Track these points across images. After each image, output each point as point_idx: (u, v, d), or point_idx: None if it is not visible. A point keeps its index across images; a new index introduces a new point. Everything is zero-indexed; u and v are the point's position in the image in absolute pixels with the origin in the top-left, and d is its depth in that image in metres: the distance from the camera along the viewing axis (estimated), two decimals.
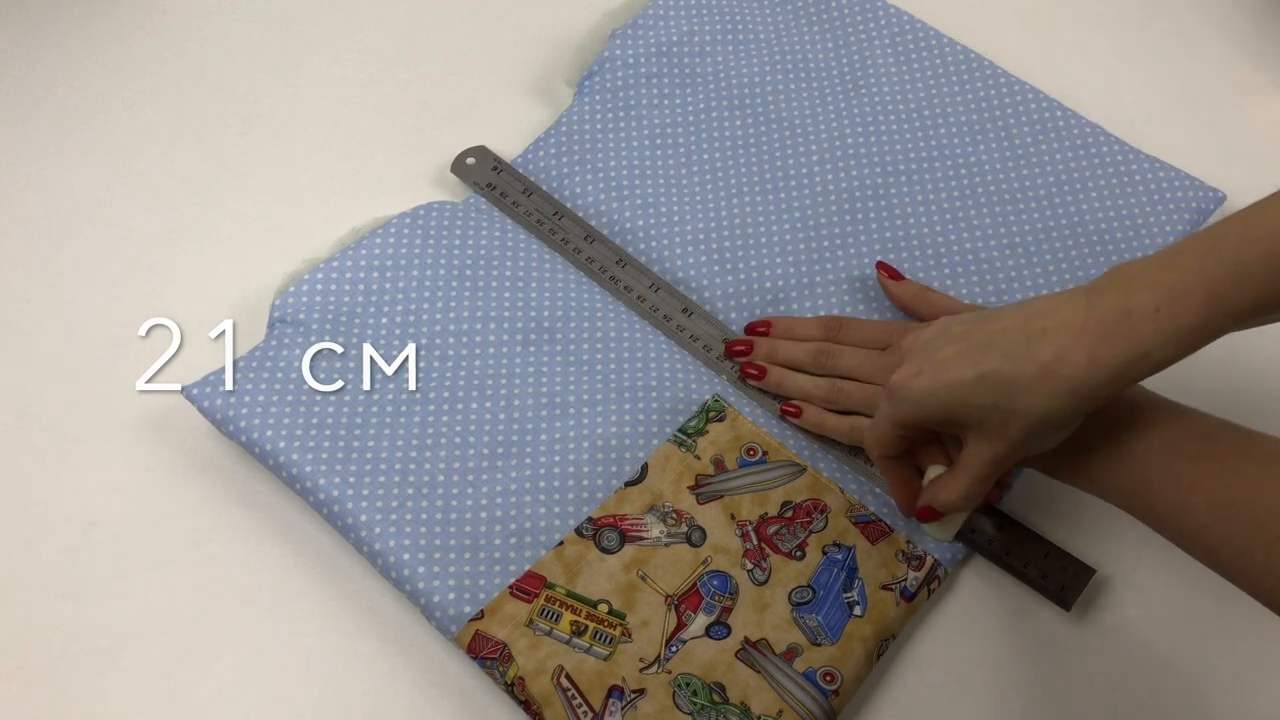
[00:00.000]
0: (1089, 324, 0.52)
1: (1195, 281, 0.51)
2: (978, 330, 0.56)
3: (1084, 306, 0.53)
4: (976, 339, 0.56)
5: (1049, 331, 0.53)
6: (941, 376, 0.55)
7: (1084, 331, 0.52)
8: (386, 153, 0.77)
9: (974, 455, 0.56)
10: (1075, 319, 0.53)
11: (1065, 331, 0.53)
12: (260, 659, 0.60)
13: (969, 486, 0.57)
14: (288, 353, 0.66)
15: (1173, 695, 0.60)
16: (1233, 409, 0.58)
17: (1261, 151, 0.78)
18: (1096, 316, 0.52)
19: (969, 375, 0.55)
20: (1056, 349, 0.52)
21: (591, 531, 0.61)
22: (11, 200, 0.75)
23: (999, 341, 0.55)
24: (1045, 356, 0.53)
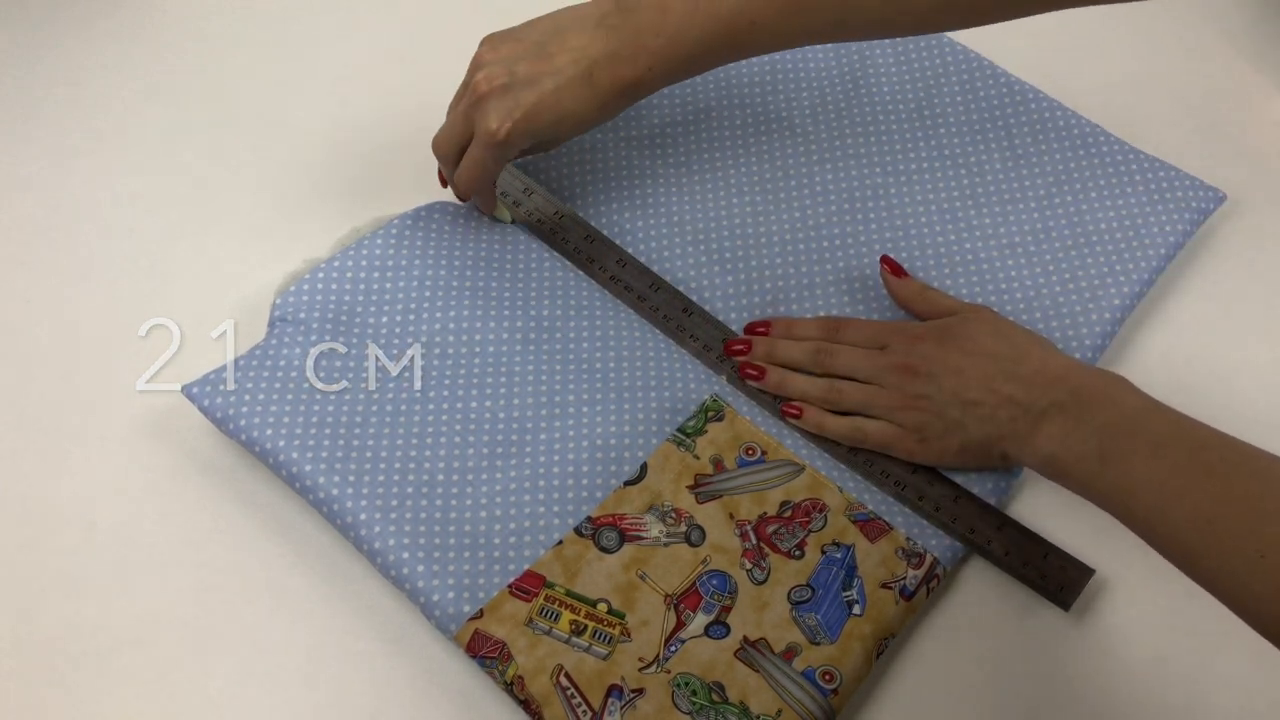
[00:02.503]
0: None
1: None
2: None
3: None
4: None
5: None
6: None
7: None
8: (387, 152, 0.78)
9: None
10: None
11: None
12: (260, 659, 0.60)
13: None
14: (288, 352, 0.66)
15: (1171, 695, 0.60)
16: (1229, 415, 0.58)
17: (1261, 151, 0.78)
18: None
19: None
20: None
21: (591, 531, 0.61)
22: (11, 200, 0.75)
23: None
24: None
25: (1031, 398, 0.59)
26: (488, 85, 0.63)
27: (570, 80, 0.63)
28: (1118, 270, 0.71)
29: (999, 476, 0.64)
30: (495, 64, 0.64)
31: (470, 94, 0.64)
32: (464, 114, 0.65)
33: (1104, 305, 0.69)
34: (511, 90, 0.63)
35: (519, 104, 0.63)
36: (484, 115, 0.63)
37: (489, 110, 0.63)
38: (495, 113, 0.63)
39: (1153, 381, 0.60)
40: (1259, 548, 0.48)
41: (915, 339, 0.64)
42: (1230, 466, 0.51)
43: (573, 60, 0.63)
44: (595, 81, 0.63)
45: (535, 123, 0.64)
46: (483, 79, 0.63)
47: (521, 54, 0.64)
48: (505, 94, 0.63)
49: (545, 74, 0.63)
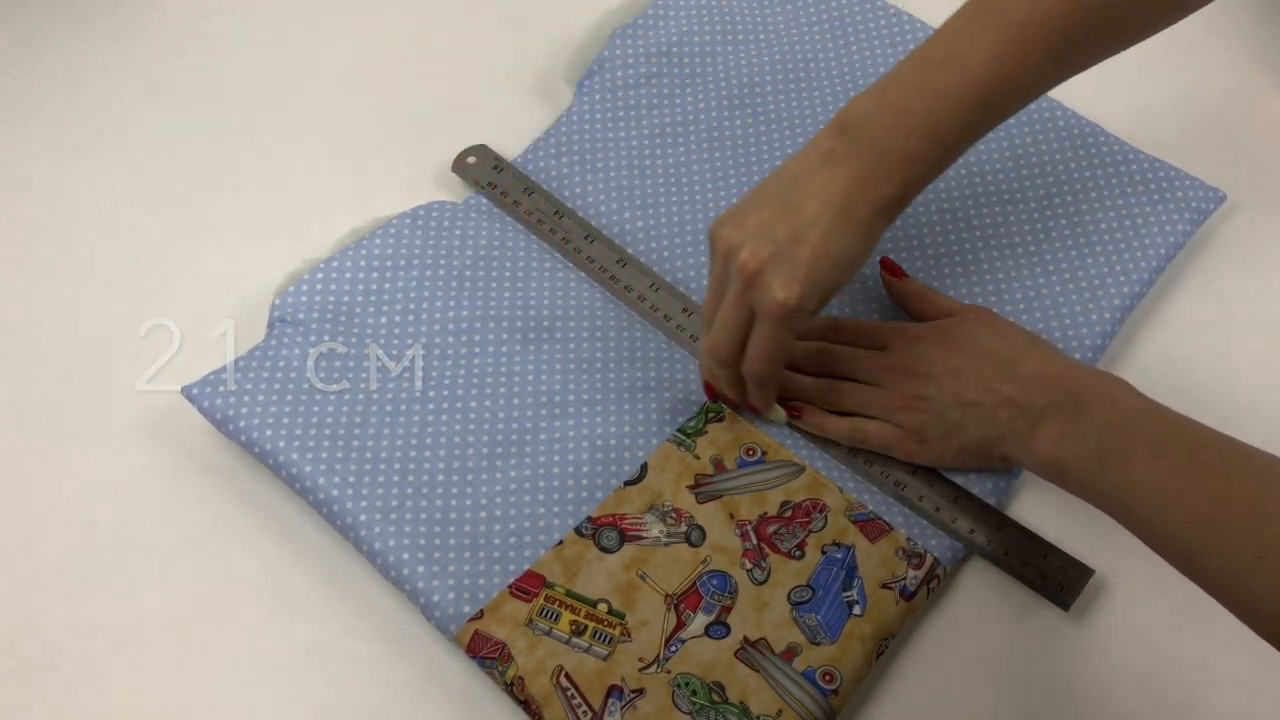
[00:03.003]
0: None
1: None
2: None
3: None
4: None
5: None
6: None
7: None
8: (387, 152, 0.78)
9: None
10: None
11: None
12: (260, 659, 0.60)
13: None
14: (287, 352, 0.66)
15: (1171, 695, 0.60)
16: (1229, 415, 0.58)
17: (1261, 151, 0.78)
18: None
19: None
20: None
21: (591, 531, 0.61)
22: (11, 200, 0.75)
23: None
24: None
25: (1030, 398, 0.59)
26: (756, 260, 0.57)
27: (831, 222, 0.58)
28: (1118, 270, 0.71)
29: (999, 477, 0.64)
30: (752, 238, 0.58)
31: (738, 278, 0.58)
32: (737, 301, 0.59)
33: (1104, 305, 0.69)
34: (782, 255, 0.57)
35: (797, 264, 0.57)
36: (765, 290, 0.57)
37: (770, 283, 0.57)
38: (778, 282, 0.57)
39: (1153, 381, 0.60)
40: (1258, 548, 0.48)
41: (914, 339, 0.64)
42: (1229, 467, 0.51)
43: (824, 202, 0.58)
44: (856, 214, 0.58)
45: (819, 277, 0.58)
46: (748, 257, 0.58)
47: (770, 219, 0.58)
48: (778, 261, 0.57)
49: (805, 226, 0.58)
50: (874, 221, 0.59)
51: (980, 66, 0.57)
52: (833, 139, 0.59)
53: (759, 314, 0.59)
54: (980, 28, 0.58)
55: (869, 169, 0.58)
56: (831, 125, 0.60)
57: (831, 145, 0.59)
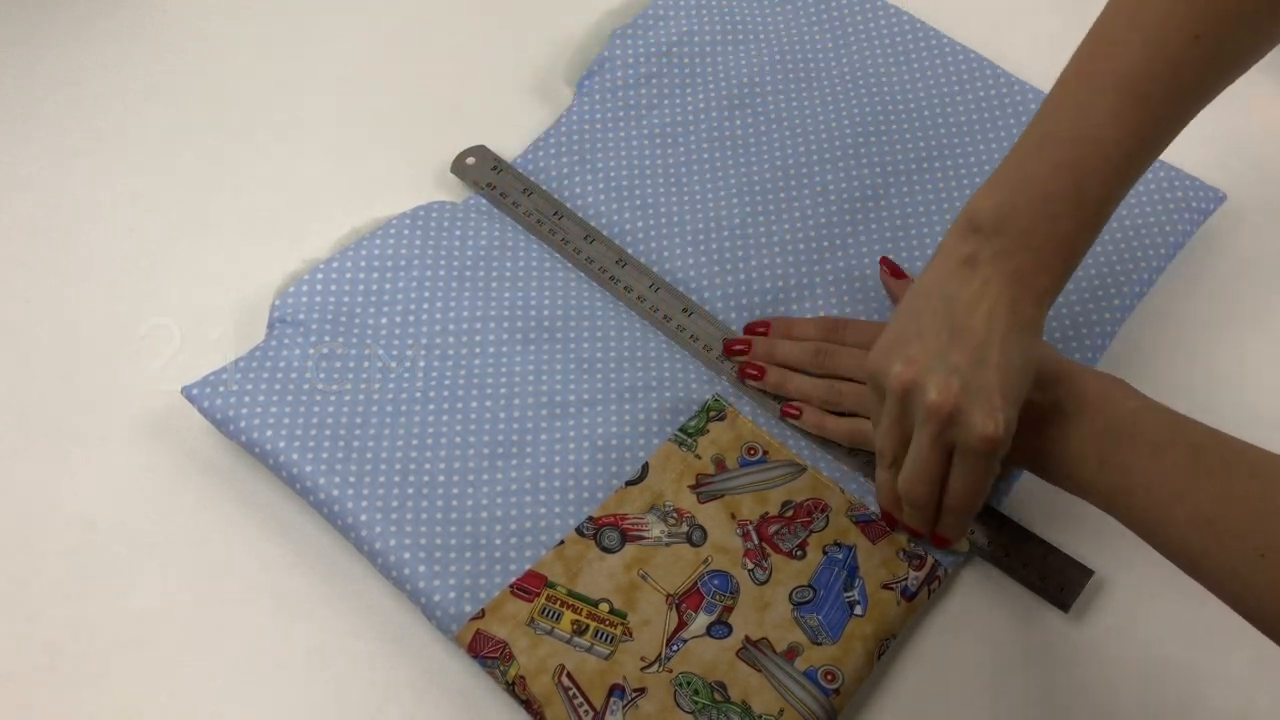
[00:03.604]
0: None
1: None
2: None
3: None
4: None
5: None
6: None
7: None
8: (386, 153, 0.77)
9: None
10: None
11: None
12: (260, 659, 0.60)
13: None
14: (287, 353, 0.66)
15: (1171, 696, 0.60)
16: (1229, 415, 0.58)
17: (1261, 151, 0.78)
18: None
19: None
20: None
21: (592, 531, 0.61)
22: (11, 200, 0.75)
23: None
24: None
25: (1030, 398, 0.59)
26: (950, 398, 0.54)
27: (1005, 334, 0.55)
28: (1118, 270, 0.71)
29: (999, 477, 0.64)
30: (932, 373, 0.55)
31: (932, 420, 0.55)
32: (934, 443, 0.56)
33: (1104, 305, 0.70)
34: (972, 386, 0.54)
35: (991, 393, 0.54)
36: (968, 427, 0.54)
37: (972, 419, 0.54)
38: (982, 415, 0.54)
39: (1153, 382, 0.60)
40: (1260, 547, 0.48)
41: None
42: (1230, 466, 0.51)
43: (990, 313, 0.55)
44: (1023, 316, 0.55)
45: (1013, 396, 0.55)
46: (939, 397, 0.54)
47: (940, 347, 0.55)
48: (971, 394, 0.54)
49: (981, 346, 0.55)
50: (1040, 315, 0.56)
51: (1111, 131, 0.54)
52: (971, 242, 0.56)
53: (964, 451, 0.56)
54: (1092, 91, 0.55)
55: (1024, 264, 0.55)
56: (961, 226, 0.57)
57: (973, 250, 0.56)
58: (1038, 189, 0.55)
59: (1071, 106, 0.56)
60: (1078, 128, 0.55)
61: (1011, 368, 0.55)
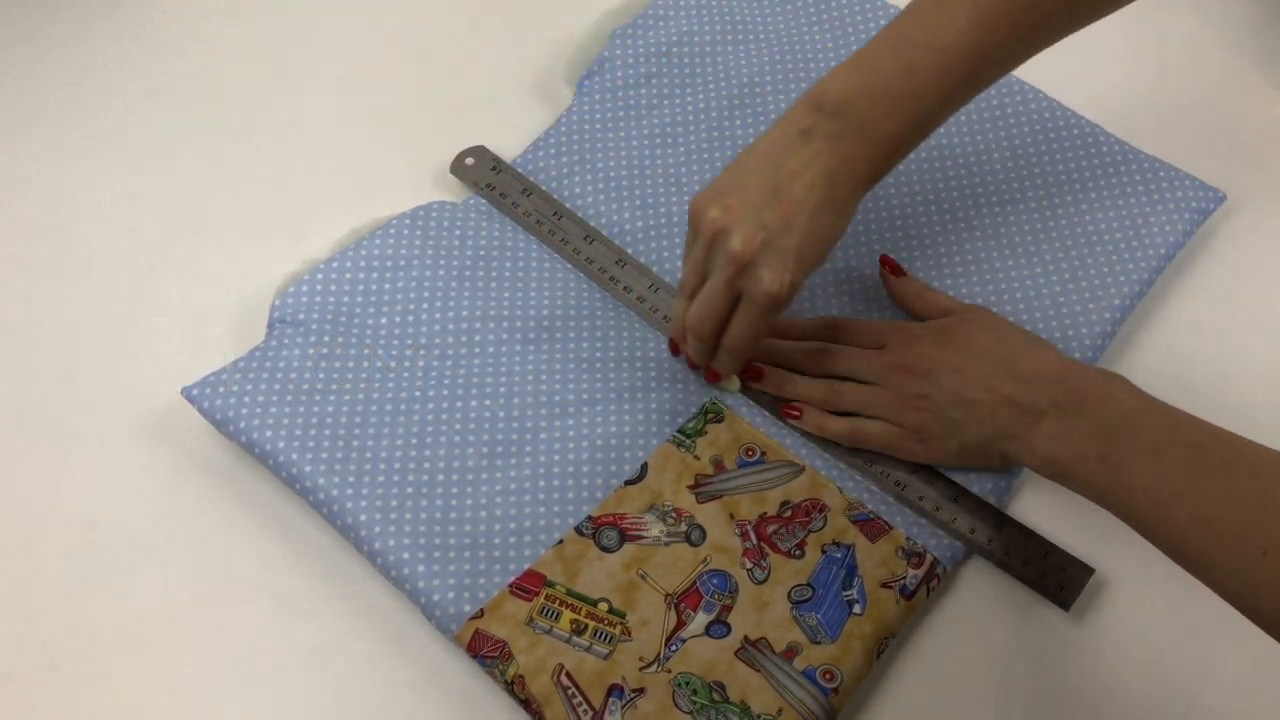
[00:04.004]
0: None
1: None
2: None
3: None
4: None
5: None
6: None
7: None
8: (386, 153, 0.78)
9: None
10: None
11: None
12: (260, 659, 0.60)
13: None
14: (287, 353, 0.66)
15: (1171, 695, 0.60)
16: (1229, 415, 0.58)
17: (1261, 151, 0.78)
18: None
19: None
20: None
21: (591, 530, 0.61)
22: (11, 200, 0.75)
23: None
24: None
25: (1030, 397, 0.59)
26: (749, 249, 0.58)
27: (817, 207, 0.59)
28: (1118, 270, 0.71)
29: (999, 476, 0.64)
30: (741, 223, 0.59)
31: (729, 263, 0.59)
32: (727, 285, 0.60)
33: (1104, 305, 0.70)
34: (773, 245, 0.58)
35: (786, 253, 0.58)
36: (757, 279, 0.59)
37: (761, 273, 0.59)
38: (770, 271, 0.58)
39: (1153, 381, 0.60)
40: (1262, 545, 0.48)
41: (913, 339, 0.64)
42: (1230, 465, 0.51)
43: (810, 185, 0.59)
44: (838, 196, 0.60)
45: (806, 264, 0.59)
46: (740, 245, 0.58)
47: (758, 203, 0.59)
48: (768, 250, 0.58)
49: (793, 212, 0.59)
50: (854, 199, 0.61)
51: (959, 48, 0.59)
52: (811, 116, 0.60)
53: (748, 300, 0.60)
54: (952, 7, 0.59)
55: (852, 150, 0.59)
56: (807, 101, 0.60)
57: (811, 123, 0.60)
58: (880, 85, 0.59)
59: (931, 15, 0.59)
60: (929, 37, 0.59)
61: (816, 240, 0.59)
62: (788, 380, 0.66)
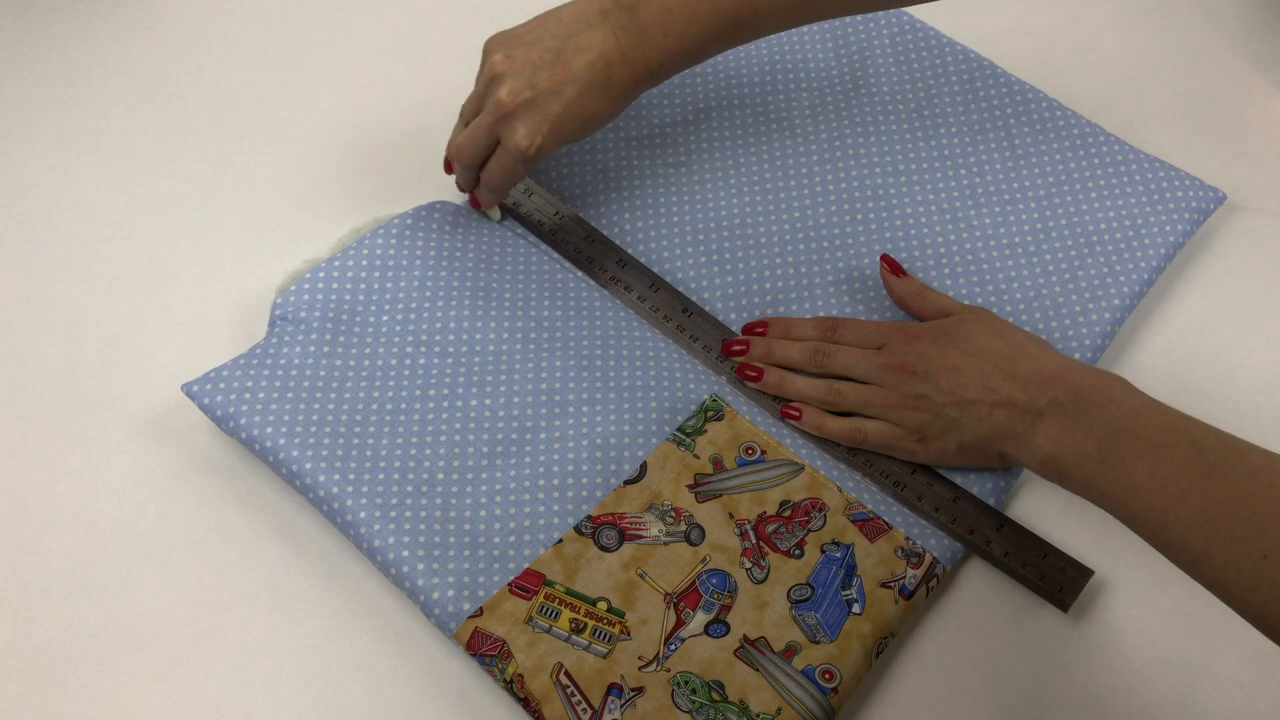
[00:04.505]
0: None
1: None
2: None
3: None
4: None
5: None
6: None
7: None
8: (387, 153, 0.78)
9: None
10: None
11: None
12: (260, 659, 0.60)
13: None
14: (288, 350, 0.66)
15: (1170, 696, 0.60)
16: (1229, 415, 0.58)
17: (1261, 151, 0.79)
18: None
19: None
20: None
21: (590, 529, 0.61)
22: (11, 200, 0.75)
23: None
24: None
25: (1029, 397, 0.59)
26: (513, 100, 0.64)
27: (590, 84, 0.64)
28: (1118, 270, 0.71)
29: (998, 476, 0.64)
30: (515, 76, 0.64)
31: (494, 109, 0.65)
32: (488, 128, 0.65)
33: (1104, 305, 0.70)
34: (536, 104, 0.64)
35: (546, 117, 0.64)
36: (511, 131, 0.64)
37: (517, 126, 0.64)
38: (524, 127, 0.64)
39: (1153, 381, 0.60)
40: (1263, 549, 0.48)
41: (912, 338, 0.64)
42: (1231, 466, 0.51)
43: (588, 63, 0.64)
44: (613, 82, 0.65)
45: (563, 133, 0.65)
46: (506, 95, 0.64)
47: (538, 63, 0.64)
48: (531, 108, 0.64)
49: (565, 82, 0.64)
50: (627, 91, 0.66)
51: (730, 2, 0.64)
52: (612, 1, 0.65)
53: (502, 146, 0.66)
54: None
55: (633, 47, 0.64)
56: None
57: (610, 7, 0.64)
58: (666, 2, 0.64)
59: None
60: None
61: (578, 115, 0.64)
62: (787, 380, 0.66)
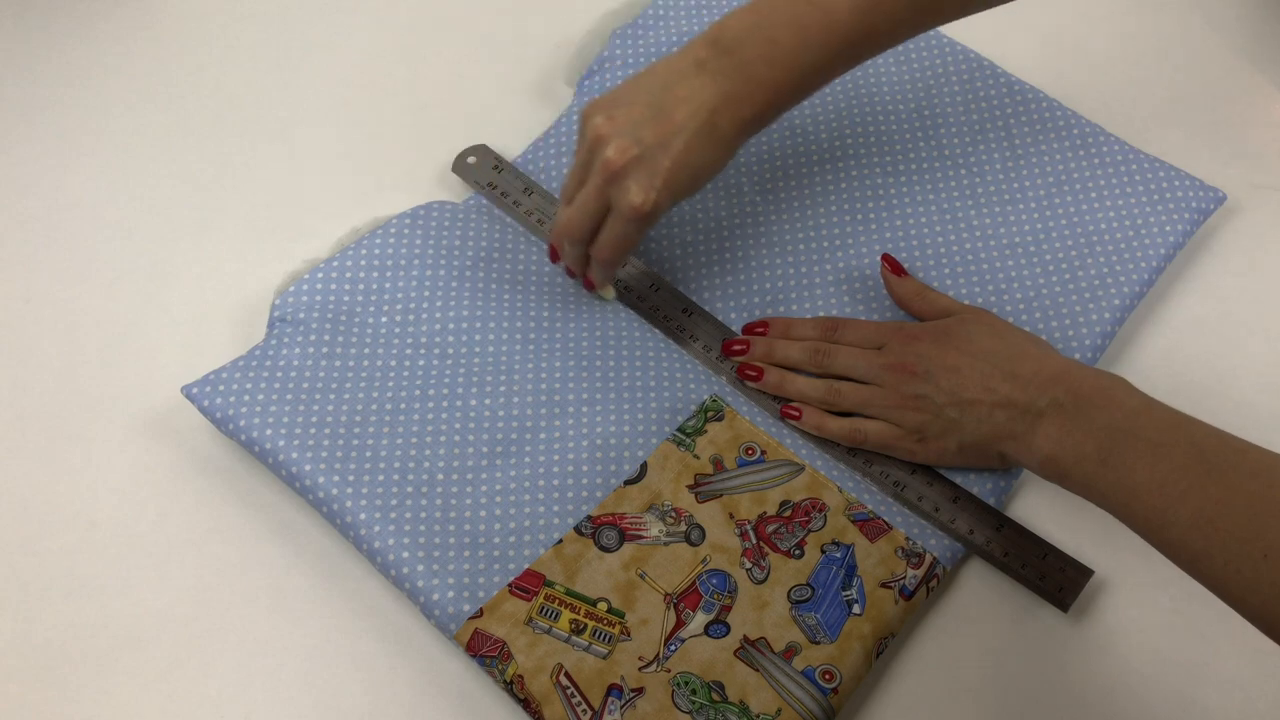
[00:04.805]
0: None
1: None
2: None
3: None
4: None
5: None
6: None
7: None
8: (387, 152, 0.78)
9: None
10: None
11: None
12: (260, 659, 0.60)
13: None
14: (287, 351, 0.66)
15: (1170, 696, 0.60)
16: (1229, 415, 0.58)
17: (1261, 151, 0.78)
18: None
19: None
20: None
21: (591, 530, 0.61)
22: (11, 200, 0.75)
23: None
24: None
25: (1029, 398, 0.59)
26: (621, 158, 0.61)
27: (695, 133, 0.61)
28: (1118, 270, 0.71)
29: (998, 477, 0.64)
30: (619, 134, 0.61)
31: (602, 171, 0.61)
32: (598, 192, 0.62)
33: (1104, 305, 0.69)
34: (645, 159, 0.61)
35: (657, 171, 0.61)
36: (624, 191, 0.61)
37: (628, 185, 0.61)
38: (637, 185, 0.61)
39: (1153, 381, 0.60)
40: (1263, 548, 0.48)
41: (912, 338, 0.64)
42: (1231, 466, 0.51)
43: (691, 113, 0.61)
44: (718, 128, 0.61)
45: (676, 186, 0.62)
46: (614, 154, 0.61)
47: (640, 119, 0.61)
48: (640, 165, 0.61)
49: (671, 134, 0.61)
50: (734, 138, 0.62)
51: (846, 18, 0.61)
52: (707, 49, 0.62)
53: (615, 210, 0.62)
54: None
55: (736, 89, 0.61)
56: (707, 35, 0.62)
57: (705, 56, 0.62)
58: (770, 34, 0.61)
59: None
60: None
61: (687, 165, 0.61)
62: (787, 380, 0.66)
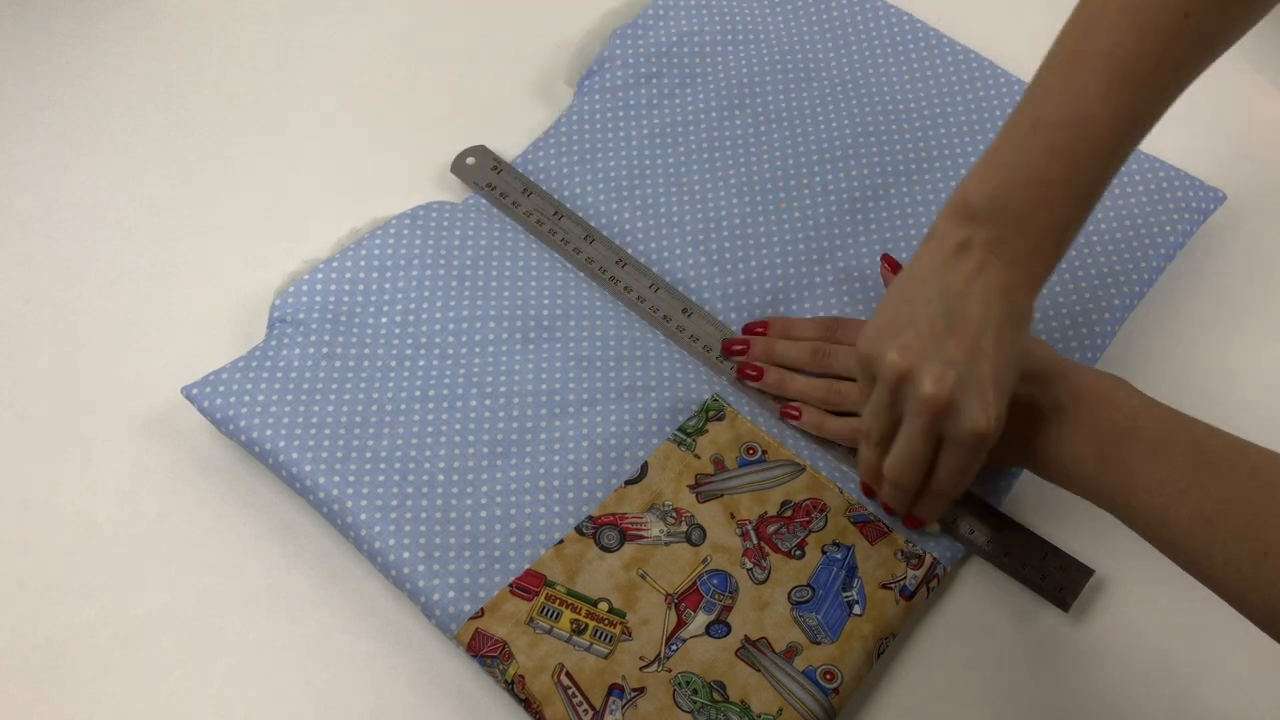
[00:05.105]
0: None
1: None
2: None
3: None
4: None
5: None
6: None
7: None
8: (386, 153, 0.78)
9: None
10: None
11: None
12: (260, 659, 0.60)
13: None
14: (287, 352, 0.66)
15: (1171, 696, 0.60)
16: (1229, 415, 0.58)
17: (1261, 151, 0.78)
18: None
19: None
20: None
21: (591, 530, 0.61)
22: (11, 200, 0.75)
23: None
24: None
25: (1030, 398, 0.59)
26: (944, 390, 0.53)
27: (1000, 324, 0.54)
28: (1118, 270, 0.71)
29: (999, 477, 0.64)
30: (926, 363, 0.54)
31: (927, 409, 0.54)
32: (925, 432, 0.55)
33: (1104, 305, 0.70)
34: (967, 380, 0.54)
35: (985, 387, 0.54)
36: (961, 421, 0.54)
37: (964, 413, 0.54)
38: (975, 410, 0.54)
39: (1153, 382, 0.60)
40: (1263, 547, 0.48)
41: None
42: (1232, 465, 0.51)
43: (985, 303, 0.54)
44: (1018, 304, 0.55)
45: (1006, 387, 0.55)
46: (933, 388, 0.53)
47: (934, 335, 0.54)
48: (965, 388, 0.54)
49: (976, 338, 0.54)
50: (1032, 303, 0.56)
51: (1102, 117, 0.54)
52: (963, 226, 0.55)
53: (954, 442, 0.56)
54: (1083, 73, 0.54)
55: (1018, 251, 0.55)
56: (954, 211, 0.56)
57: (965, 234, 0.55)
58: (1031, 175, 0.54)
59: (1062, 89, 0.54)
60: (1069, 111, 0.54)
61: (1005, 360, 0.54)
62: (788, 379, 0.66)
